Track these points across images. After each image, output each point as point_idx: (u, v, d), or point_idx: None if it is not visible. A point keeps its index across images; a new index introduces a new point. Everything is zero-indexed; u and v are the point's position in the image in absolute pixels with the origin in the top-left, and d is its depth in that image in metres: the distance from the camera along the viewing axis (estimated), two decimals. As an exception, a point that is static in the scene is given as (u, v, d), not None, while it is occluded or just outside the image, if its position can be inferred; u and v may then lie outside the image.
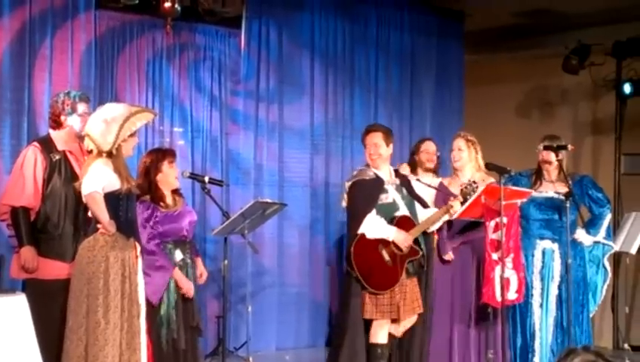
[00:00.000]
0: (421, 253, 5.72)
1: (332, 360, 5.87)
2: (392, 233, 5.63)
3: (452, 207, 5.65)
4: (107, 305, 4.74)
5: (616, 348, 8.16)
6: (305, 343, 7.80)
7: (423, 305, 5.76)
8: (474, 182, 5.72)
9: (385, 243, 5.65)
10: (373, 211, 5.66)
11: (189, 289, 5.35)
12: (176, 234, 5.43)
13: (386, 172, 5.79)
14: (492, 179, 6.09)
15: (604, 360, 2.51)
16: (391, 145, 5.80)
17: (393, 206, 5.71)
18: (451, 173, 6.35)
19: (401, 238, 5.62)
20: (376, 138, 5.76)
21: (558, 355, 2.64)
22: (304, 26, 7.88)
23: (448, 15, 8.73)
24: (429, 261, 5.88)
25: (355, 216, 5.73)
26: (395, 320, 5.69)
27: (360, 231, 5.65)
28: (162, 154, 5.54)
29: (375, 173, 5.75)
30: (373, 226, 5.64)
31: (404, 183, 5.85)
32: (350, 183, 5.86)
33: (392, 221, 5.67)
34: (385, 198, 5.70)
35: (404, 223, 5.68)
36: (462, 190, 5.71)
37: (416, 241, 5.71)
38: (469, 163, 6.17)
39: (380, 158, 5.75)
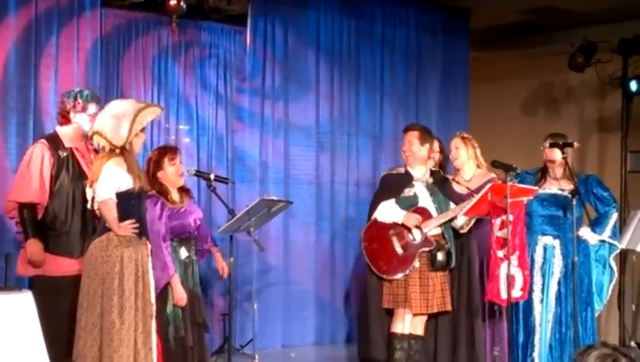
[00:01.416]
0: (434, 245, 5.74)
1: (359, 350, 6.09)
2: (400, 216, 5.74)
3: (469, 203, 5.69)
4: (122, 305, 4.74)
5: (622, 345, 8.15)
6: (311, 340, 7.80)
7: (452, 304, 5.83)
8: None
9: (398, 231, 5.74)
10: (392, 200, 5.78)
11: (180, 299, 5.30)
12: (182, 231, 5.43)
13: (419, 170, 5.87)
14: (493, 175, 6.10)
15: (620, 354, 2.54)
16: (427, 145, 5.87)
17: (413, 199, 5.80)
18: (453, 172, 6.35)
19: (410, 219, 5.71)
20: (411, 137, 5.88)
21: (577, 350, 2.67)
22: (310, 24, 7.87)
23: (454, 13, 8.72)
24: (462, 261, 5.93)
25: (373, 204, 5.90)
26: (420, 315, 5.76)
27: (373, 216, 5.81)
28: (163, 151, 5.55)
29: (406, 170, 5.87)
30: (384, 210, 5.78)
31: (441, 183, 5.92)
32: (380, 177, 6.08)
33: (408, 211, 5.76)
34: (407, 192, 5.81)
35: (420, 213, 5.76)
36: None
37: (442, 237, 5.79)
38: (467, 161, 6.21)
39: (413, 157, 5.84)
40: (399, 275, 5.70)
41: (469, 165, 6.20)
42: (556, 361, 6.16)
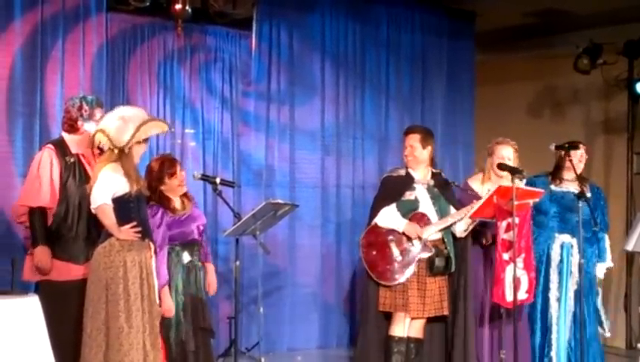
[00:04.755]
0: (433, 251, 5.72)
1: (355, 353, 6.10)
2: (402, 224, 5.70)
3: (469, 209, 5.67)
4: (129, 309, 4.76)
5: (629, 347, 8.14)
6: (316, 344, 7.81)
7: (449, 308, 5.82)
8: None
9: (397, 238, 5.72)
10: (393, 205, 5.74)
11: (168, 310, 5.25)
12: (184, 238, 5.43)
13: (420, 173, 5.84)
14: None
15: None
16: (429, 148, 5.83)
17: (414, 203, 5.77)
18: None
19: (411, 229, 5.68)
20: (413, 140, 5.82)
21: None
22: (315, 28, 7.88)
23: (459, 15, 8.72)
24: (461, 266, 5.88)
25: (374, 208, 5.85)
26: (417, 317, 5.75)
27: (374, 221, 5.77)
28: (162, 165, 5.45)
29: (407, 172, 5.82)
30: (386, 216, 5.74)
31: (442, 187, 5.86)
32: (381, 179, 6.01)
33: (408, 216, 5.73)
34: (408, 195, 5.77)
35: (419, 219, 5.73)
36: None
37: (442, 242, 5.77)
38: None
39: (415, 160, 5.80)
40: (396, 282, 5.68)
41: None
42: (578, 361, 6.17)
